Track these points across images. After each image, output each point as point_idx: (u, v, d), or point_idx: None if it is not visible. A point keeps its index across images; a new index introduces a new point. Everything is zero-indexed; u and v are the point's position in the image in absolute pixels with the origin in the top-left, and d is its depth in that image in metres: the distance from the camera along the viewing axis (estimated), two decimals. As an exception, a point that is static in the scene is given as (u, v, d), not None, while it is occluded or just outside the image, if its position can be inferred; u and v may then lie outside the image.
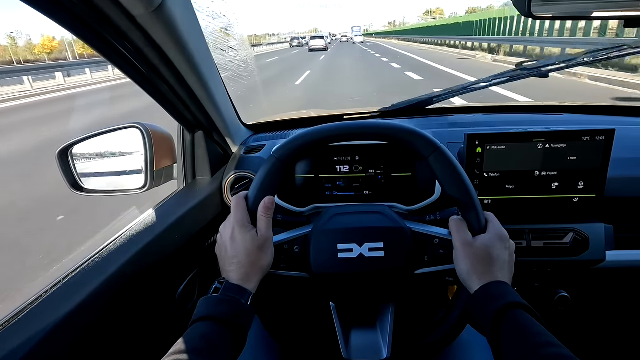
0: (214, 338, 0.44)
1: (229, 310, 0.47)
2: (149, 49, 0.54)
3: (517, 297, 0.47)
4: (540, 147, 0.73)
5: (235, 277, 0.50)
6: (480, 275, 0.50)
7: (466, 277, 0.52)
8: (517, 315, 0.44)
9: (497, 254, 0.51)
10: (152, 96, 0.66)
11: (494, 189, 0.77)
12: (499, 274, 0.50)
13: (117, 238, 0.63)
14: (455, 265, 0.54)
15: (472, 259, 0.51)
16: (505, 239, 0.53)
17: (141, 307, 0.62)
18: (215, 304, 0.47)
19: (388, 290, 0.60)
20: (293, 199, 0.81)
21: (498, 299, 0.46)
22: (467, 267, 0.51)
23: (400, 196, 0.80)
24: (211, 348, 0.43)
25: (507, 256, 0.52)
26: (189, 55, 0.61)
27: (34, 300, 0.48)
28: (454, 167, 0.54)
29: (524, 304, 0.46)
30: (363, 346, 0.62)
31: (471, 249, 0.52)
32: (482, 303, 0.48)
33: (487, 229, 0.54)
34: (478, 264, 0.51)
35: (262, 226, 0.53)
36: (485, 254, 0.51)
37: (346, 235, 0.59)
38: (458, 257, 0.53)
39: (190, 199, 0.79)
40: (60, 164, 0.78)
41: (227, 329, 0.45)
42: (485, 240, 0.52)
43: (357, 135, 0.58)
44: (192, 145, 0.83)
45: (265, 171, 0.56)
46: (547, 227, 0.78)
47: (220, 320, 0.45)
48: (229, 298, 0.48)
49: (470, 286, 0.51)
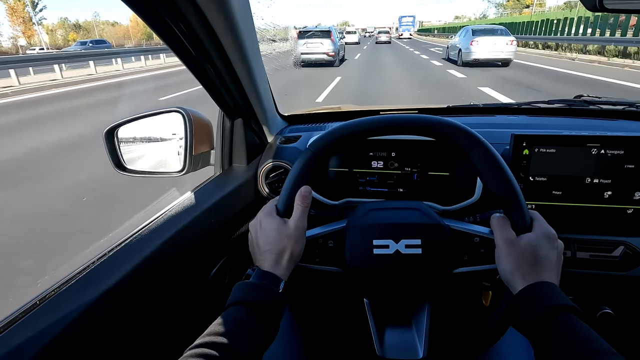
0: (248, 322, 0.44)
1: (263, 297, 0.47)
2: (203, 31, 0.55)
3: (567, 300, 0.44)
4: (595, 152, 0.69)
5: (267, 265, 0.51)
6: (525, 275, 0.48)
7: (509, 277, 0.49)
8: (567, 319, 0.42)
9: (545, 254, 0.49)
10: (199, 79, 0.67)
11: (539, 194, 0.73)
12: (545, 274, 0.48)
13: (156, 218, 0.65)
14: (498, 264, 0.51)
15: (516, 258, 0.49)
16: (554, 238, 0.50)
17: (177, 286, 0.64)
18: (249, 290, 0.48)
19: (424, 289, 0.59)
20: (326, 191, 0.80)
21: (546, 299, 0.44)
22: (510, 266, 0.49)
23: (436, 196, 0.78)
24: (245, 332, 0.43)
25: (555, 256, 0.50)
26: (240, 42, 0.61)
27: (81, 270, 0.51)
28: (498, 162, 0.52)
29: (576, 308, 0.43)
30: (398, 345, 0.61)
31: (515, 248, 0.49)
32: (528, 303, 0.45)
33: (533, 228, 0.51)
34: (523, 264, 0.48)
35: (295, 214, 0.53)
36: (531, 253, 0.48)
37: (382, 231, 0.57)
38: (501, 256, 0.50)
39: (227, 185, 0.80)
40: (107, 144, 0.82)
41: (260, 314, 0.45)
42: (531, 239, 0.49)
43: (395, 129, 0.56)
44: (231, 132, 0.84)
45: (300, 164, 0.55)
46: (596, 238, 0.73)
47: (254, 306, 0.46)
48: (262, 285, 0.48)
49: (514, 286, 0.48)
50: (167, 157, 0.89)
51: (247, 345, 0.42)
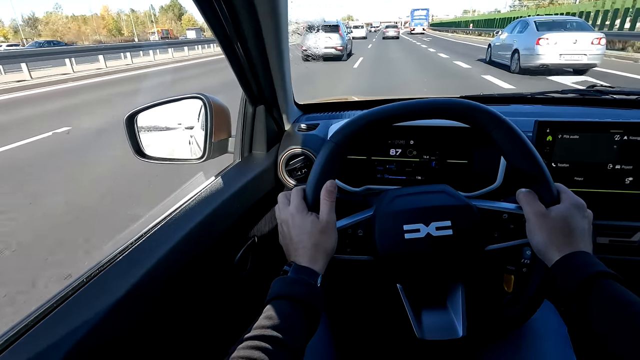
0: (292, 316, 0.44)
1: (303, 291, 0.47)
2: (245, 11, 0.55)
3: (605, 267, 0.44)
4: (618, 138, 0.69)
5: (303, 260, 0.51)
6: (560, 246, 0.48)
7: (544, 249, 0.49)
8: (608, 285, 0.42)
9: (577, 223, 0.49)
10: (229, 60, 0.67)
11: (561, 180, 0.73)
12: (580, 244, 0.48)
13: (183, 205, 0.65)
14: (530, 238, 0.52)
15: (548, 230, 0.49)
16: (583, 207, 0.51)
17: (207, 272, 0.64)
18: (289, 284, 0.48)
19: (457, 269, 0.59)
20: (345, 178, 0.81)
21: (585, 267, 0.44)
22: (543, 238, 0.49)
23: (455, 183, 0.78)
24: (291, 326, 0.43)
25: (586, 225, 0.50)
26: (277, 26, 0.61)
27: (122, 250, 0.51)
28: (520, 137, 0.52)
29: (615, 275, 0.43)
30: (436, 325, 0.61)
31: (547, 220, 0.49)
32: (566, 273, 0.45)
33: (561, 199, 0.51)
34: (556, 235, 0.48)
35: (324, 210, 0.53)
36: (564, 224, 0.49)
37: (412, 216, 0.58)
38: (532, 229, 0.51)
39: (248, 172, 0.80)
40: (127, 129, 0.81)
41: (303, 309, 0.45)
42: (562, 210, 0.49)
43: (416, 113, 0.56)
44: (253, 118, 0.84)
45: (324, 157, 0.55)
46: (615, 224, 0.74)
47: (297, 300, 0.45)
48: (301, 279, 0.48)
49: (550, 258, 0.49)
50: (186, 144, 0.89)
51: (295, 339, 0.42)
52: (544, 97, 1.08)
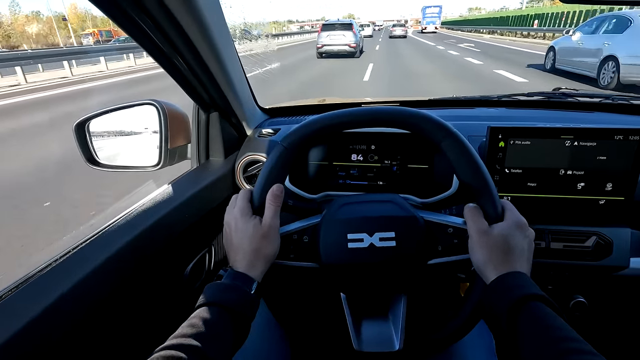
0: (218, 324, 0.43)
1: (234, 298, 0.46)
2: (168, 24, 0.53)
3: (537, 289, 0.44)
4: (568, 144, 0.69)
5: (240, 265, 0.50)
6: (497, 265, 0.48)
7: (482, 267, 0.49)
8: (536, 308, 0.42)
9: (515, 243, 0.49)
10: (169, 73, 0.65)
11: (514, 186, 0.73)
12: (517, 264, 0.48)
13: (127, 213, 0.63)
14: (471, 254, 0.51)
15: (488, 248, 0.49)
16: (524, 227, 0.51)
17: (149, 282, 0.62)
18: (221, 291, 0.47)
19: (400, 281, 0.59)
20: (305, 185, 0.80)
21: (516, 289, 0.44)
22: (483, 256, 0.49)
23: (416, 188, 0.78)
24: (215, 335, 0.42)
25: (526, 245, 0.50)
26: (209, 35, 0.60)
27: (44, 268, 0.49)
28: (468, 151, 0.51)
29: (544, 296, 0.43)
30: (375, 337, 0.61)
31: (487, 238, 0.49)
32: (499, 294, 0.45)
33: (505, 217, 0.51)
34: (495, 254, 0.48)
35: (268, 214, 0.52)
36: (503, 242, 0.49)
37: (356, 225, 0.57)
38: (473, 246, 0.51)
39: (203, 179, 0.79)
40: (77, 137, 0.79)
41: (231, 316, 0.45)
42: (503, 229, 0.49)
43: (365, 122, 0.55)
44: (207, 125, 0.83)
45: (272, 160, 0.54)
46: (569, 229, 0.74)
47: (225, 308, 0.45)
48: (235, 286, 0.48)
49: (487, 276, 0.49)
50: (143, 151, 0.87)
51: (217, 349, 0.41)
52: (510, 99, 1.08)
